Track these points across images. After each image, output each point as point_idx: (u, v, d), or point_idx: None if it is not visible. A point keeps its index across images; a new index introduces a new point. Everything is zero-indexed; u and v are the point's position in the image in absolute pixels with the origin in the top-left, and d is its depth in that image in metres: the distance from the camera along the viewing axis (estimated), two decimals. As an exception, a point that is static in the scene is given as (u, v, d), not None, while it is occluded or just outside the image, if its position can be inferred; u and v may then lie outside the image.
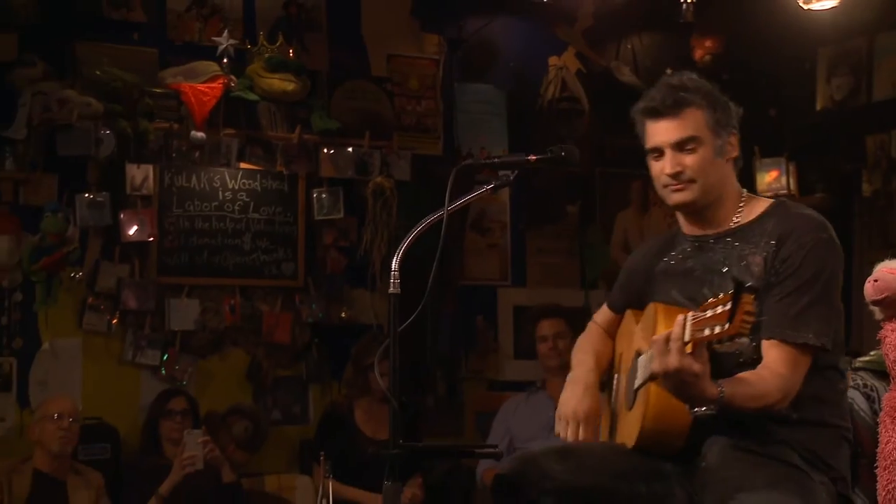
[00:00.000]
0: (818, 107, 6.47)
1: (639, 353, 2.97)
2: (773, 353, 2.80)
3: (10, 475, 5.29)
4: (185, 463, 5.43)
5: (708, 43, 6.86)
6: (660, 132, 3.02)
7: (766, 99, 6.69)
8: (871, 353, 3.73)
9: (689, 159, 2.99)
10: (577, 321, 6.05)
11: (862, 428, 3.52)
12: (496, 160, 3.21)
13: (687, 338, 2.57)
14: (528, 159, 3.08)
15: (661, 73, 6.87)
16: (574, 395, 3.21)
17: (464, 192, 3.07)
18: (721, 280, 2.94)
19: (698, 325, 2.55)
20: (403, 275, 2.88)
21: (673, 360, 2.58)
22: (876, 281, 3.35)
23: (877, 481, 3.38)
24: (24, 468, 5.33)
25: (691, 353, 2.56)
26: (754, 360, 2.85)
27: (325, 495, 4.70)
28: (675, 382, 2.64)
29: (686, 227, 3.12)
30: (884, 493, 3.31)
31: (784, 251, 2.88)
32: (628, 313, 3.27)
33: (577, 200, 7.01)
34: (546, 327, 5.82)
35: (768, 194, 5.74)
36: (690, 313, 2.60)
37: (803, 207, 3.04)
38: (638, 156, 3.15)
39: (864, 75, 6.26)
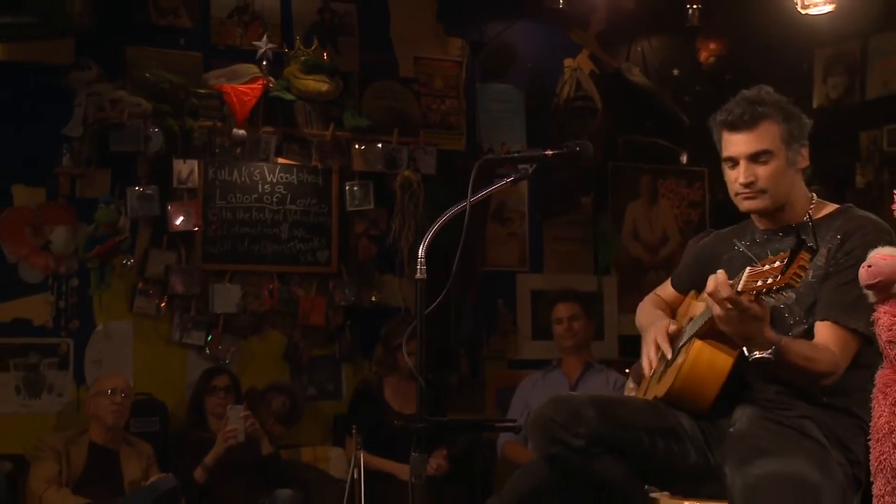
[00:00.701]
0: (815, 105, 6.46)
1: (692, 319, 2.98)
2: (825, 332, 2.83)
3: (68, 446, 5.32)
4: (228, 436, 5.47)
5: (713, 45, 6.86)
6: (736, 144, 3.03)
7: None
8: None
9: (761, 170, 3.01)
10: (590, 305, 6.10)
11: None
12: (515, 155, 3.21)
13: (740, 287, 2.59)
14: (545, 154, 3.09)
15: (669, 74, 7.01)
16: (663, 323, 3.19)
17: (485, 184, 3.08)
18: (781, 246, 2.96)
19: (753, 277, 2.57)
20: (429, 261, 2.90)
21: (728, 303, 2.63)
22: (870, 266, 3.34)
23: (869, 453, 3.39)
24: (81, 439, 5.37)
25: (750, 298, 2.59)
26: (804, 333, 2.88)
27: (357, 465, 4.73)
28: (735, 323, 2.68)
29: (758, 221, 3.15)
30: (876, 464, 3.30)
31: (848, 245, 2.92)
32: (690, 295, 3.28)
33: (590, 192, 7.01)
34: (561, 310, 5.84)
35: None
36: (748, 267, 2.63)
37: (870, 214, 3.07)
38: (647, 151, 3.16)
39: (857, 75, 6.25)
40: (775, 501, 2.74)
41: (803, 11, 5.69)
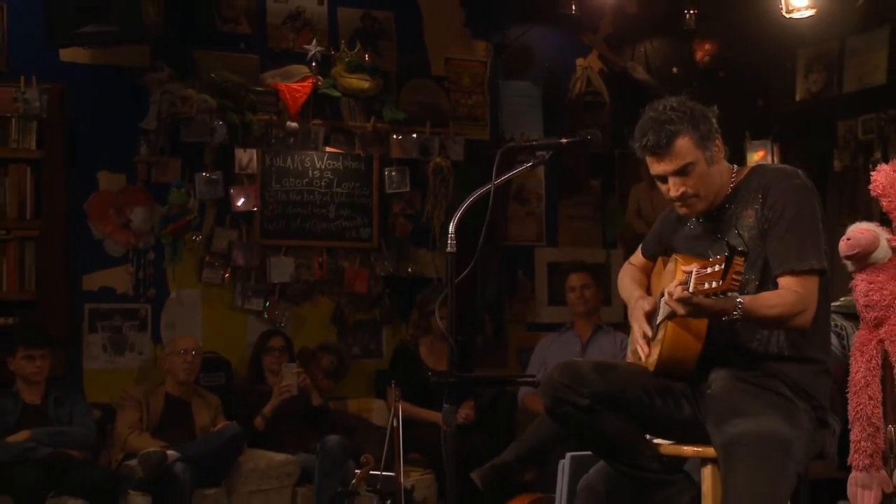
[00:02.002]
0: (797, 98, 6.40)
1: (663, 294, 2.97)
2: (785, 283, 2.78)
3: (147, 397, 5.37)
4: (283, 390, 5.50)
5: (707, 46, 6.80)
6: (658, 166, 2.92)
7: (755, 92, 6.63)
8: (842, 299, 3.72)
9: (689, 181, 2.90)
10: (599, 275, 6.08)
11: (833, 361, 3.50)
12: (533, 143, 3.19)
13: (691, 290, 2.57)
14: (560, 142, 3.08)
15: (669, 72, 6.96)
16: (645, 301, 3.14)
17: (507, 169, 3.07)
18: (718, 244, 2.92)
19: (700, 280, 2.55)
20: (458, 237, 2.89)
21: (681, 309, 2.63)
22: (849, 239, 3.33)
23: (847, 404, 3.36)
24: (158, 391, 5.42)
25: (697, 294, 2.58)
26: (757, 290, 2.85)
27: (396, 415, 4.73)
28: (695, 315, 2.70)
29: None
30: (853, 414, 3.29)
31: (770, 199, 2.85)
32: (661, 259, 3.25)
33: (599, 176, 6.98)
34: (574, 280, 5.82)
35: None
36: (695, 268, 2.59)
37: (777, 165, 3.02)
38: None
39: (835, 72, 6.20)
40: (750, 456, 2.72)
41: (787, 15, 5.66)
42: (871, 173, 3.43)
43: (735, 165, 3.03)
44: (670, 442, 3.07)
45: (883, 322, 3.27)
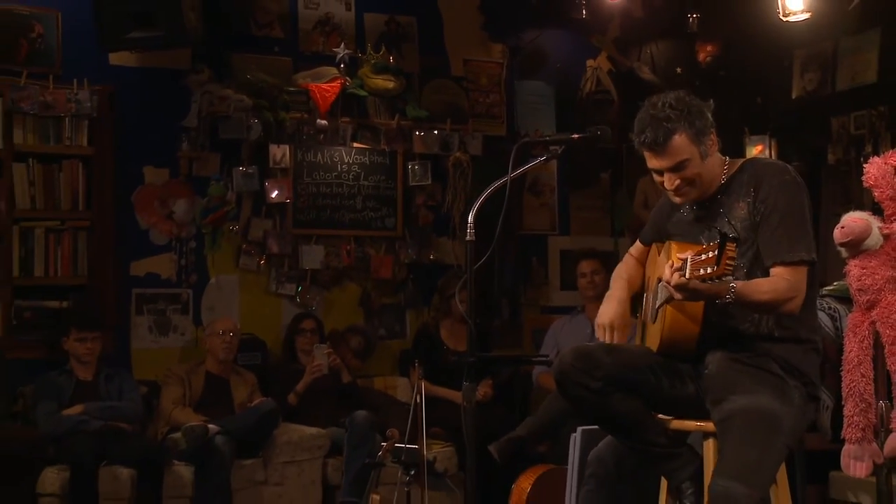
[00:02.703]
0: (794, 95, 6.36)
1: (660, 279, 2.96)
2: (777, 272, 2.76)
3: (189, 374, 5.40)
4: (314, 369, 5.52)
5: (709, 47, 6.76)
6: (655, 161, 2.90)
7: (754, 90, 6.59)
8: (835, 283, 3.71)
9: (684, 174, 2.88)
10: (608, 261, 6.05)
11: (826, 341, 3.49)
12: (547, 138, 3.21)
13: (687, 276, 2.56)
14: (571, 137, 3.07)
15: (673, 72, 6.93)
16: (609, 309, 3.15)
17: (522, 163, 3.07)
18: (711, 231, 2.90)
19: (695, 266, 2.53)
20: (477, 226, 2.89)
21: (678, 294, 2.62)
22: (843, 228, 3.32)
23: (840, 381, 3.35)
24: (199, 370, 5.44)
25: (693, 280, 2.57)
26: (745, 276, 2.83)
27: (419, 392, 4.74)
28: (691, 299, 2.68)
29: None
30: (847, 390, 3.29)
31: (762, 193, 2.83)
32: (654, 246, 3.23)
33: (608, 170, 6.95)
34: (585, 266, 5.80)
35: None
36: (690, 255, 2.58)
37: (769, 159, 2.99)
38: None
39: (829, 71, 6.17)
40: (742, 428, 2.72)
41: (784, 19, 5.64)
42: (864, 166, 3.41)
43: (727, 157, 2.99)
44: (674, 418, 3.06)
45: (875, 305, 3.26)
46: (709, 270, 2.48)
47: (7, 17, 5.53)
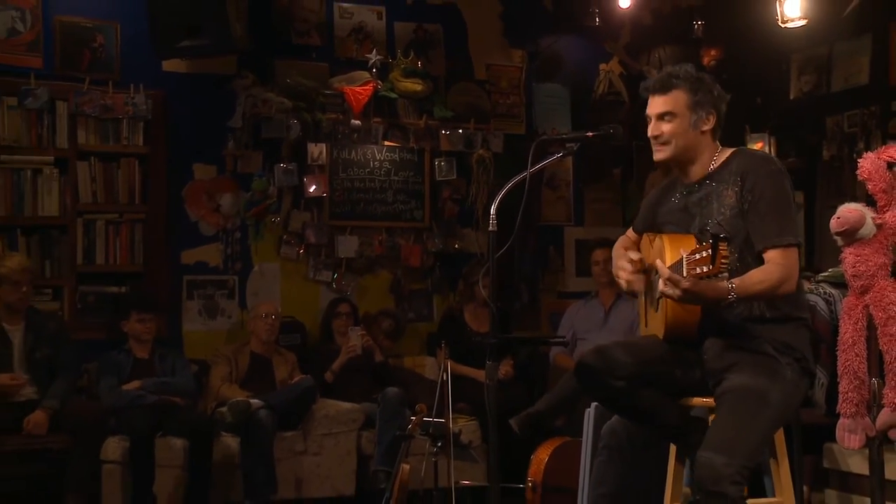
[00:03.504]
0: (791, 96, 6.33)
1: (656, 271, 2.93)
2: (769, 258, 2.74)
3: (235, 354, 5.42)
4: (349, 349, 5.53)
5: (713, 52, 6.72)
6: (651, 105, 2.94)
7: (754, 91, 6.56)
8: (830, 269, 3.68)
9: (665, 127, 2.90)
10: (620, 250, 6.05)
11: (822, 322, 3.48)
12: (563, 136, 3.19)
13: (684, 274, 2.54)
14: (586, 135, 3.06)
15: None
16: (621, 253, 3.12)
17: (540, 159, 3.06)
18: (702, 215, 2.88)
19: (691, 265, 2.51)
20: (499, 218, 2.89)
21: (678, 293, 2.59)
22: (838, 218, 3.30)
23: (834, 359, 3.34)
24: (244, 350, 5.46)
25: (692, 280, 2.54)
26: (736, 260, 2.80)
27: (445, 370, 4.75)
28: (693, 302, 2.67)
29: (681, 176, 3.03)
30: (842, 369, 3.27)
31: (749, 182, 2.80)
32: (645, 235, 3.19)
33: (619, 165, 6.91)
34: (598, 255, 5.77)
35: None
36: (685, 255, 2.56)
37: (756, 150, 2.97)
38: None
39: (824, 74, 6.13)
40: (730, 406, 2.72)
41: (782, 25, 5.62)
42: (858, 160, 3.39)
43: (720, 146, 2.97)
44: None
45: (868, 289, 3.24)
46: (704, 269, 2.46)
47: (72, 29, 5.58)
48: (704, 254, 2.45)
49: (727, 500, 2.59)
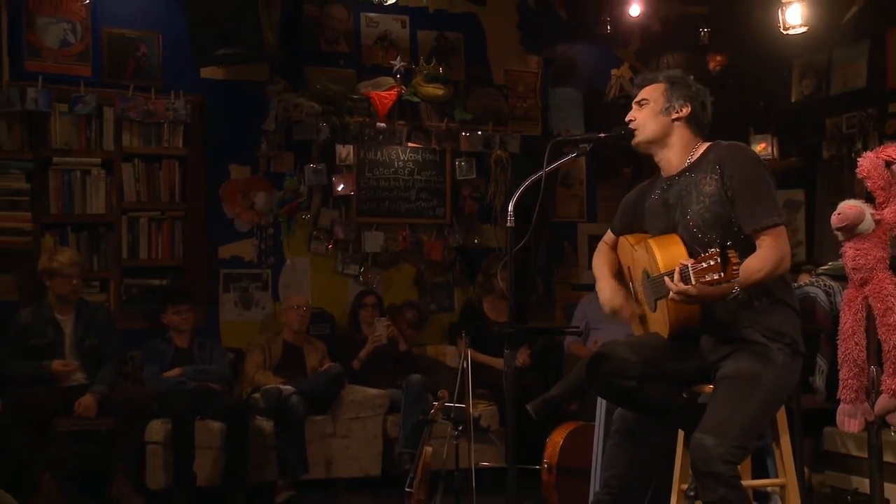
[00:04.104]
0: (793, 99, 6.29)
1: (647, 274, 2.87)
2: (760, 240, 2.71)
3: (269, 343, 5.44)
4: (375, 339, 5.54)
5: (718, 58, 6.68)
6: (635, 95, 3.01)
7: (757, 94, 6.52)
8: (829, 263, 3.66)
9: (639, 113, 2.95)
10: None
11: (821, 313, 3.46)
12: (577, 137, 3.18)
13: (693, 282, 2.51)
14: (598, 136, 3.04)
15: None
16: (608, 292, 3.08)
17: (555, 159, 3.04)
18: (682, 205, 2.85)
19: (700, 274, 2.47)
20: (515, 215, 2.87)
21: (692, 301, 2.60)
22: (839, 214, 3.27)
23: (834, 348, 3.32)
24: (277, 339, 5.48)
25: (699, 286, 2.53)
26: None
27: (466, 358, 4.74)
28: (697, 303, 2.66)
29: (662, 171, 3.01)
30: (842, 357, 3.25)
31: (728, 170, 2.78)
32: (623, 237, 3.15)
33: (630, 165, 6.88)
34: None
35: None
36: (690, 264, 2.51)
37: (730, 141, 2.94)
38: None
39: (824, 78, 6.09)
40: (722, 392, 2.72)
41: (784, 31, 5.59)
42: (858, 159, 3.36)
43: (701, 141, 2.95)
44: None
45: (867, 281, 3.22)
46: (716, 277, 2.42)
47: (118, 40, 5.63)
48: (713, 262, 2.42)
49: (719, 479, 2.57)
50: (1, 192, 5.31)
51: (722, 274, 2.40)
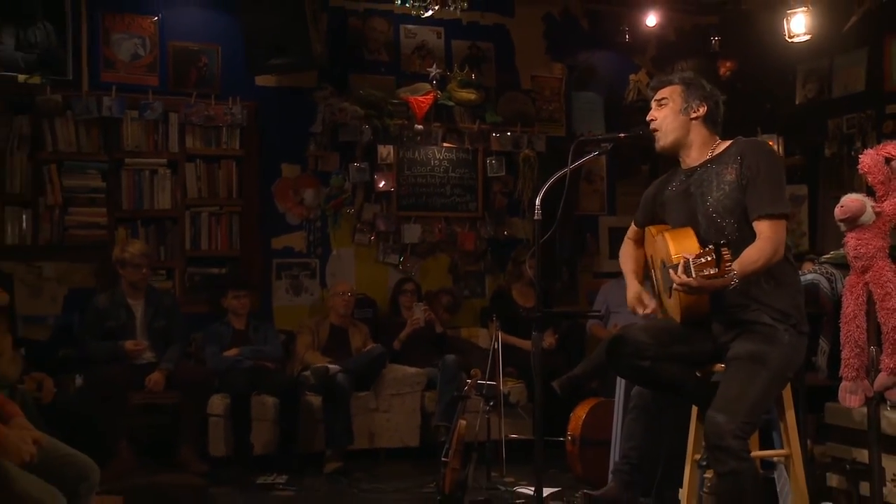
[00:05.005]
0: (797, 102, 6.22)
1: (664, 263, 2.87)
2: (761, 226, 2.70)
3: (317, 326, 5.47)
4: (414, 322, 5.55)
5: (728, 64, 6.62)
6: (653, 95, 2.97)
7: (765, 97, 6.45)
8: (831, 252, 3.63)
9: (658, 113, 2.92)
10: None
11: (824, 298, 3.44)
12: (598, 137, 3.18)
13: (694, 275, 2.51)
14: (618, 136, 3.05)
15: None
16: (633, 288, 3.09)
17: (578, 157, 3.05)
18: (702, 193, 2.83)
19: (698, 268, 2.48)
20: (542, 208, 2.88)
21: (694, 291, 2.59)
22: (842, 206, 3.25)
23: (835, 330, 3.31)
24: (325, 322, 5.50)
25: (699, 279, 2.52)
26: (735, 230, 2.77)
27: (496, 340, 4.77)
28: (699, 294, 2.65)
29: (682, 165, 2.98)
30: (844, 338, 3.23)
31: (747, 161, 2.76)
32: (647, 228, 3.14)
33: (647, 163, 6.84)
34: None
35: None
36: (691, 258, 2.51)
37: (752, 138, 2.92)
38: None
39: (826, 82, 6.03)
40: (732, 372, 2.71)
41: (789, 39, 5.54)
42: (859, 156, 3.33)
43: (718, 137, 2.92)
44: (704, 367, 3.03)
45: (868, 269, 3.19)
46: (712, 272, 2.44)
47: (182, 52, 5.71)
48: (709, 258, 2.42)
49: (730, 453, 2.58)
50: (80, 191, 5.41)
51: (717, 269, 2.41)
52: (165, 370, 4.85)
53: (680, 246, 2.73)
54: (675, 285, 2.63)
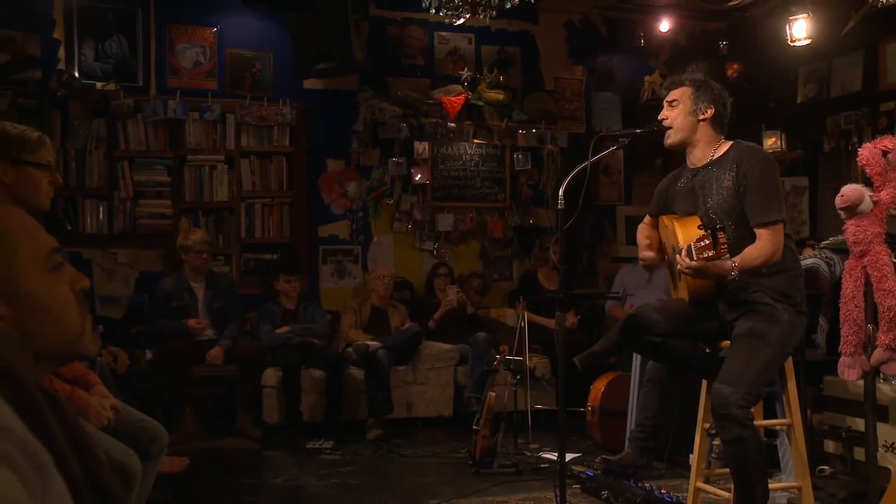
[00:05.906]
0: (798, 101, 6.15)
1: (674, 248, 2.87)
2: (760, 232, 2.70)
3: (360, 306, 5.49)
4: (447, 303, 5.57)
5: (735, 66, 6.56)
6: (665, 97, 2.94)
7: (768, 97, 6.37)
8: (830, 238, 3.61)
9: (670, 112, 2.89)
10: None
11: (823, 280, 3.42)
12: (616, 133, 3.17)
13: (695, 257, 2.53)
14: (635, 132, 3.04)
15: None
16: (643, 250, 3.08)
17: (597, 152, 3.05)
18: (704, 195, 2.82)
19: (699, 251, 2.49)
20: (565, 199, 2.88)
21: (697, 274, 2.59)
22: (842, 196, 3.23)
23: (834, 310, 3.29)
24: (366, 303, 5.53)
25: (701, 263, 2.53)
26: (735, 230, 2.76)
27: (523, 319, 4.79)
28: (704, 277, 2.65)
29: (688, 163, 2.98)
30: (843, 317, 3.22)
31: (743, 168, 2.74)
32: (661, 217, 3.13)
33: (661, 157, 6.79)
34: (644, 228, 5.71)
35: (769, 150, 5.67)
36: (693, 244, 2.53)
37: (749, 143, 2.90)
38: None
39: (825, 82, 5.95)
40: (736, 348, 2.70)
41: (791, 43, 5.50)
42: (858, 149, 3.31)
43: (723, 138, 2.90)
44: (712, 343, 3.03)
45: (866, 253, 3.18)
46: (710, 254, 2.45)
47: (238, 58, 5.78)
48: (707, 241, 2.43)
49: (735, 421, 2.58)
50: (148, 185, 5.50)
51: (714, 252, 2.41)
52: (224, 346, 4.91)
53: (686, 232, 2.74)
54: (678, 268, 2.64)
